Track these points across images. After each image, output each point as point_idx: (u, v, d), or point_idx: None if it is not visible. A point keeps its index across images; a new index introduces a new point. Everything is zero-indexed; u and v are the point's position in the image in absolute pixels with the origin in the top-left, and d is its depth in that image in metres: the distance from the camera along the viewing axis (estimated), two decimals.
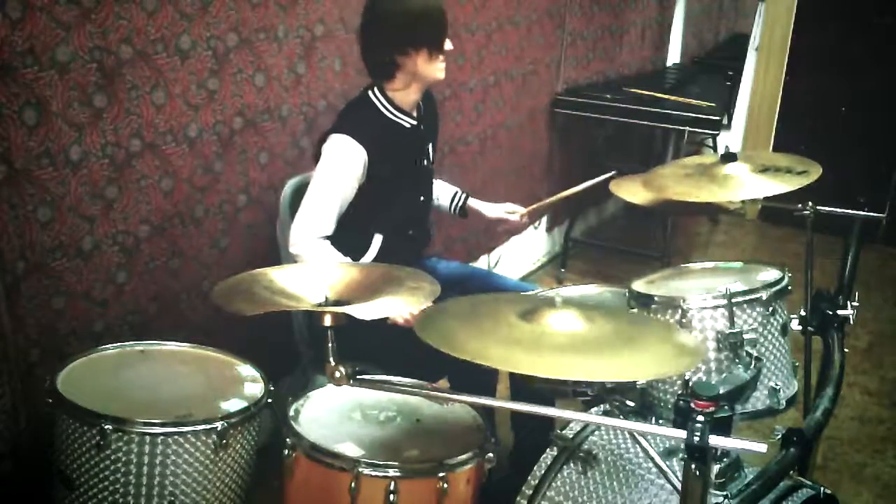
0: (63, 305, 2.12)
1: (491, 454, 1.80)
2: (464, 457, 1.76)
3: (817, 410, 1.69)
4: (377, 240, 2.36)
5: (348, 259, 2.24)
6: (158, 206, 2.32)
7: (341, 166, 2.24)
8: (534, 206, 2.62)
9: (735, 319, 1.92)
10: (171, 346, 2.06)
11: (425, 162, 2.45)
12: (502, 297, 1.93)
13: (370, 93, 2.34)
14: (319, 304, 1.59)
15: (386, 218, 2.36)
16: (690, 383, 1.27)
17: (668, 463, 1.66)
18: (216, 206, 2.50)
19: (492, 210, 2.62)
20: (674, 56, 5.70)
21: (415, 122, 2.37)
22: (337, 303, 1.58)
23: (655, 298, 1.98)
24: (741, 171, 2.17)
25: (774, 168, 2.16)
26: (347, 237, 2.28)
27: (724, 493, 1.59)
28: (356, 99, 2.39)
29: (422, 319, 1.54)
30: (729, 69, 5.14)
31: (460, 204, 2.63)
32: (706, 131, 4.23)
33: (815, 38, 5.11)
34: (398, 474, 1.70)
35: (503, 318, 1.55)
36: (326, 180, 2.24)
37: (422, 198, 2.49)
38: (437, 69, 2.31)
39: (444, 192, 2.65)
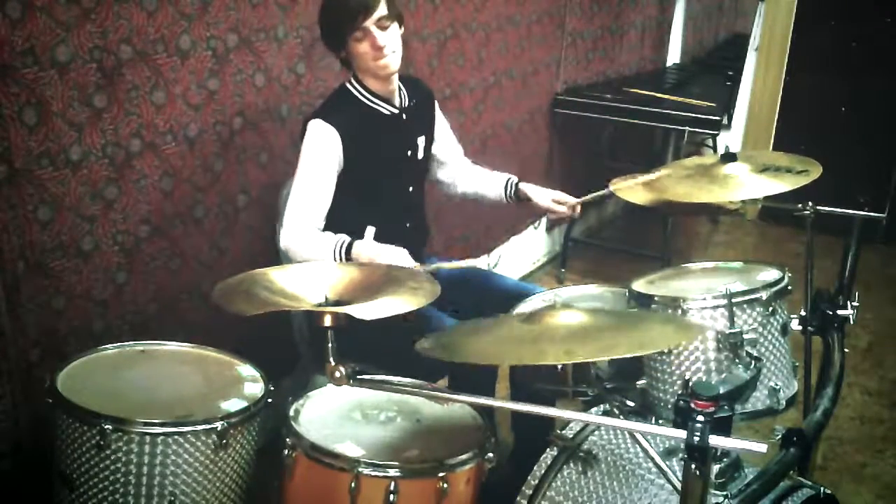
0: (63, 305, 2.13)
1: (491, 454, 1.80)
2: (464, 457, 1.76)
3: (817, 410, 1.69)
4: (369, 232, 2.36)
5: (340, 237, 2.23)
6: (158, 206, 2.32)
7: (317, 152, 2.24)
8: (583, 198, 2.56)
9: (735, 319, 1.92)
10: (171, 346, 2.06)
11: (409, 153, 2.44)
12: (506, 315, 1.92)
13: (347, 82, 2.36)
14: (319, 304, 1.59)
15: (374, 208, 2.36)
16: (690, 383, 1.27)
17: (668, 463, 1.67)
18: (216, 206, 2.50)
19: (541, 198, 2.56)
20: (674, 56, 5.70)
21: (395, 111, 2.37)
22: (337, 303, 1.59)
23: (655, 298, 1.98)
24: (741, 171, 2.17)
25: (774, 167, 2.16)
26: (339, 230, 2.27)
27: (724, 493, 1.59)
28: (334, 90, 2.41)
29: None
30: (729, 69, 5.14)
31: (514, 191, 2.61)
32: (706, 131, 4.23)
33: (815, 38, 5.11)
34: (398, 474, 1.70)
35: (505, 324, 1.55)
36: (306, 170, 2.25)
37: (410, 188, 2.48)
38: (365, 56, 2.24)
39: (494, 181, 2.64)
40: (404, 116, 2.40)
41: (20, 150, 1.95)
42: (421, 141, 2.47)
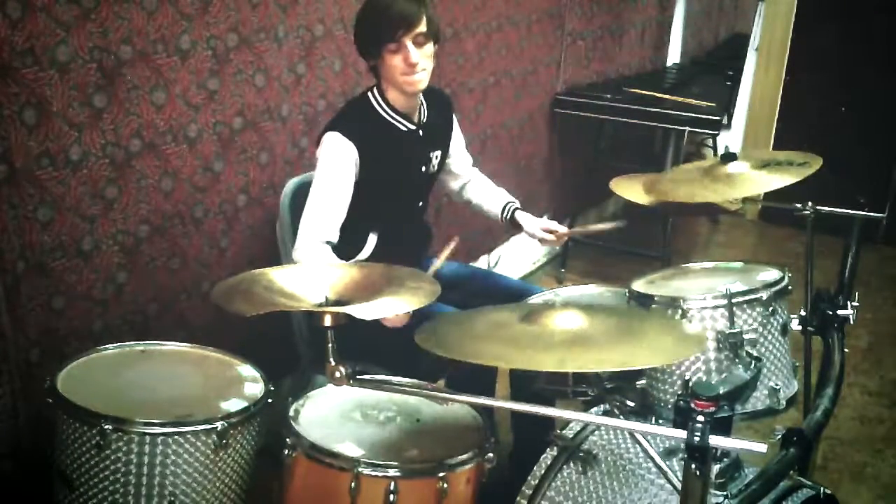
0: (63, 305, 2.13)
1: (491, 454, 1.80)
2: (464, 457, 1.76)
3: (817, 410, 1.69)
4: (372, 239, 2.36)
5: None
6: (158, 206, 2.32)
7: (335, 165, 2.22)
8: (573, 231, 2.60)
9: (735, 319, 1.92)
10: (171, 346, 2.06)
11: (423, 168, 2.43)
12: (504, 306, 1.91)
13: (369, 93, 2.33)
14: (319, 304, 1.59)
15: (381, 218, 2.36)
16: (690, 383, 1.27)
17: (668, 463, 1.67)
18: (216, 206, 2.50)
19: (532, 227, 2.55)
20: (674, 56, 5.70)
21: (413, 127, 2.36)
22: (337, 303, 1.58)
23: (655, 298, 1.98)
24: (742, 169, 2.17)
25: (775, 162, 2.17)
26: (343, 236, 2.27)
27: (724, 493, 1.59)
28: (355, 97, 2.40)
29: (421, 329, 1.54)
30: (729, 69, 5.13)
31: (509, 216, 2.59)
32: (706, 131, 4.23)
33: (815, 38, 5.11)
34: (398, 474, 1.70)
35: (503, 321, 1.55)
36: (324, 182, 2.23)
37: (420, 203, 2.48)
38: (395, 70, 2.21)
39: (496, 200, 2.62)
40: (421, 133, 2.38)
41: (20, 150, 1.95)
42: (435, 155, 2.45)
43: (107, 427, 1.68)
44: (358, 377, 1.48)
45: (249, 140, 2.55)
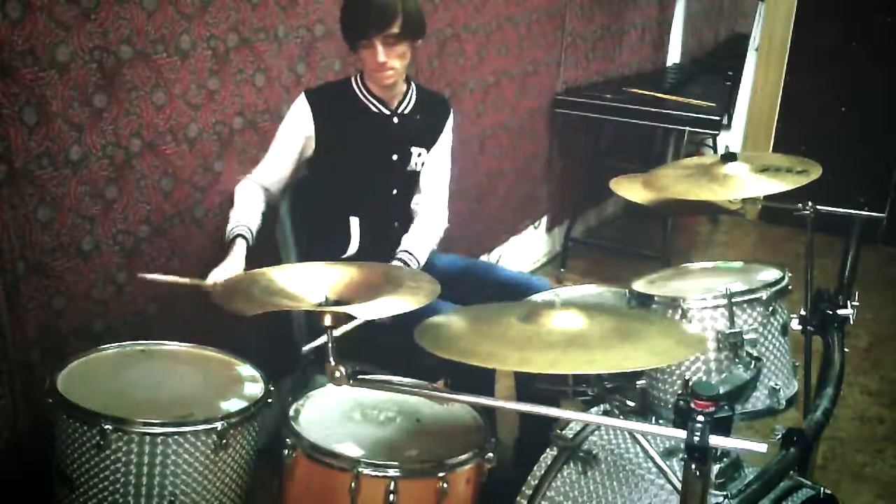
0: (63, 305, 2.12)
1: (491, 454, 1.80)
2: (464, 457, 1.76)
3: (817, 410, 1.69)
4: (354, 223, 2.37)
5: (253, 206, 2.31)
6: (158, 206, 2.32)
7: (289, 121, 2.35)
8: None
9: (735, 319, 1.92)
10: (171, 346, 2.06)
11: (395, 157, 2.42)
12: (507, 304, 1.90)
13: (353, 76, 2.40)
14: (319, 304, 1.59)
15: (356, 202, 2.38)
16: (690, 383, 1.27)
17: (668, 463, 1.67)
18: (216, 206, 2.50)
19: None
20: (674, 56, 5.70)
21: (387, 112, 2.38)
22: (337, 303, 1.59)
23: (655, 298, 1.98)
24: (741, 170, 2.17)
25: (774, 168, 2.17)
26: (327, 224, 2.29)
27: (724, 493, 1.59)
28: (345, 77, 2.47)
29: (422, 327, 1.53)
30: (729, 69, 5.13)
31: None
32: (706, 131, 4.23)
33: (815, 38, 5.11)
34: (398, 474, 1.70)
35: (502, 320, 1.55)
36: (276, 136, 2.37)
37: (395, 191, 2.47)
38: (365, 63, 2.30)
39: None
40: (396, 120, 2.40)
41: (20, 150, 1.95)
42: (417, 152, 2.45)
43: (107, 427, 1.68)
44: (358, 377, 1.48)
45: (249, 140, 2.55)
